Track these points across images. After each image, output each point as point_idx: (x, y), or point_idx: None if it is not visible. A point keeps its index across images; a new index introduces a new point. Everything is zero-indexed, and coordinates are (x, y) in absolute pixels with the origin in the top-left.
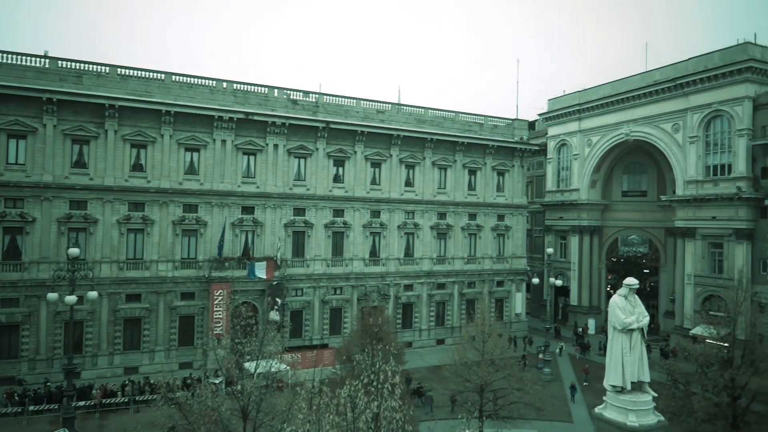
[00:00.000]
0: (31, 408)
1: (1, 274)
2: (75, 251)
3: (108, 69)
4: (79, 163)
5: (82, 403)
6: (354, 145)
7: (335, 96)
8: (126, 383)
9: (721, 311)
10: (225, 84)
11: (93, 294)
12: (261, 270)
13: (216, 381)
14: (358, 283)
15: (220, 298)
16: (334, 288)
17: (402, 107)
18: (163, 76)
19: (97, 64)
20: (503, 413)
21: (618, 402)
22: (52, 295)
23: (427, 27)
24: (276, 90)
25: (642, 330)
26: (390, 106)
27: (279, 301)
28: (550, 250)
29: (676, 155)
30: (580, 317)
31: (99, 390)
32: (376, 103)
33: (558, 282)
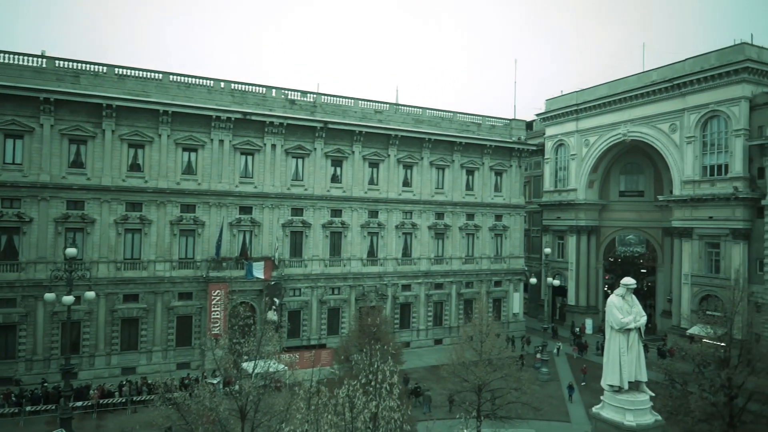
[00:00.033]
0: (28, 408)
1: None
2: (72, 251)
3: (105, 69)
4: (77, 163)
5: (79, 404)
6: (352, 145)
7: (333, 96)
8: (123, 383)
9: (718, 311)
10: (223, 84)
11: (90, 294)
12: (259, 270)
13: (214, 381)
14: (356, 283)
15: (217, 298)
16: (332, 288)
17: (400, 107)
18: (161, 75)
19: (95, 63)
20: (501, 413)
21: (615, 401)
22: (49, 296)
23: (426, 27)
24: (274, 90)
25: (639, 330)
26: (388, 106)
27: (277, 301)
28: (547, 250)
29: (673, 155)
30: (577, 317)
31: (96, 390)
32: (374, 103)
33: (555, 282)
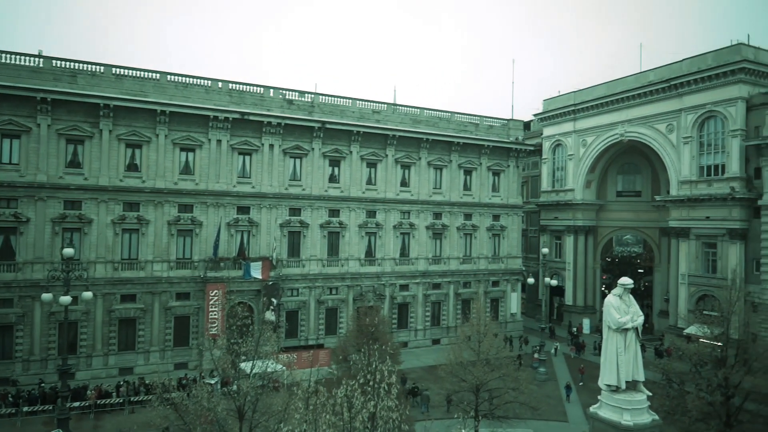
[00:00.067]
0: (25, 409)
1: None
2: (69, 251)
3: (103, 68)
4: (74, 163)
5: (76, 404)
6: (350, 145)
7: (331, 96)
8: (121, 384)
9: (715, 311)
10: (220, 84)
11: (87, 294)
12: (256, 270)
13: (211, 381)
14: (353, 283)
15: (215, 298)
16: (329, 288)
17: (398, 107)
18: (158, 75)
19: (92, 63)
20: (499, 413)
21: (613, 401)
22: (46, 296)
23: (425, 27)
24: (272, 90)
25: (636, 329)
26: (386, 106)
27: (275, 301)
28: (545, 250)
29: (670, 155)
30: (575, 317)
31: (94, 391)
32: (371, 103)
33: (553, 282)
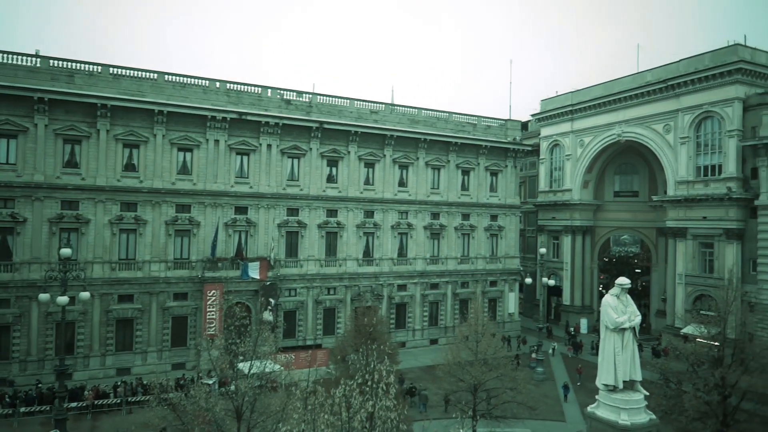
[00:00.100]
0: (23, 409)
1: None
2: (67, 251)
3: (100, 68)
4: (71, 163)
5: (74, 405)
6: (347, 146)
7: (329, 96)
8: (118, 384)
9: (712, 310)
10: (218, 84)
11: (85, 295)
12: (254, 270)
13: (209, 381)
14: (351, 284)
15: (213, 298)
16: (327, 288)
17: (395, 107)
18: (156, 75)
19: (90, 63)
20: (496, 412)
21: (610, 401)
22: (43, 296)
23: (425, 27)
24: (269, 90)
25: (634, 329)
26: (383, 106)
27: (272, 302)
28: (542, 250)
29: (667, 156)
30: (572, 317)
31: (91, 391)
32: (369, 104)
33: (551, 282)
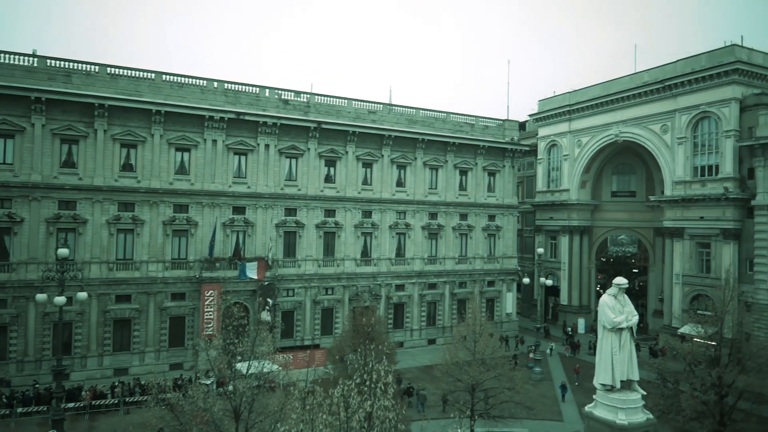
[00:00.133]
0: (20, 410)
1: None
2: (64, 252)
3: (98, 68)
4: (68, 163)
5: (71, 405)
6: (345, 146)
7: (327, 96)
8: (116, 384)
9: (709, 310)
10: (216, 84)
11: (82, 295)
12: (252, 270)
13: (207, 382)
14: (349, 284)
15: (211, 298)
16: (325, 288)
17: (393, 107)
18: (153, 75)
19: (87, 63)
20: (494, 412)
21: (608, 400)
22: (40, 296)
23: (424, 27)
24: (267, 90)
25: (631, 329)
26: (381, 106)
27: (270, 302)
28: (540, 250)
29: (664, 156)
30: (570, 317)
31: (88, 391)
32: (367, 104)
33: (548, 282)
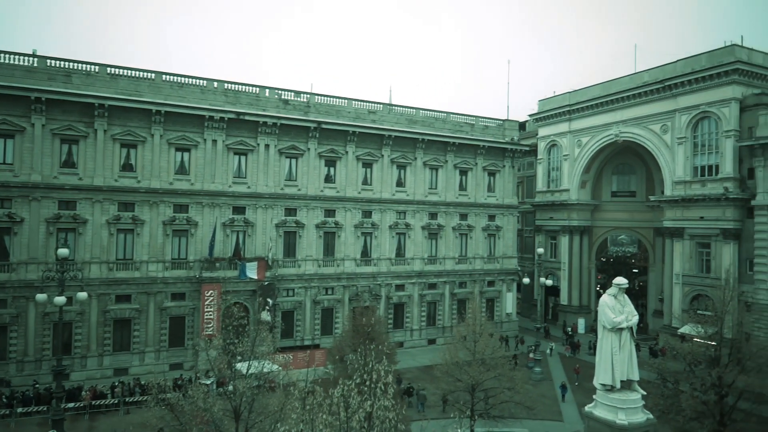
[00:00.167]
0: (20, 410)
1: None
2: (64, 252)
3: (97, 68)
4: (68, 163)
5: (71, 405)
6: (345, 146)
7: (327, 96)
8: (116, 384)
9: (709, 310)
10: (216, 84)
11: (82, 295)
12: (252, 270)
13: (207, 382)
14: (349, 284)
15: (211, 298)
16: (325, 288)
17: (393, 107)
18: (153, 75)
19: (87, 63)
20: (494, 412)
21: (608, 400)
22: (40, 296)
23: (422, 27)
24: (267, 90)
25: (631, 329)
26: (381, 106)
27: (270, 302)
28: (540, 250)
29: (664, 156)
30: (570, 317)
31: (88, 391)
32: (367, 104)
33: (548, 282)
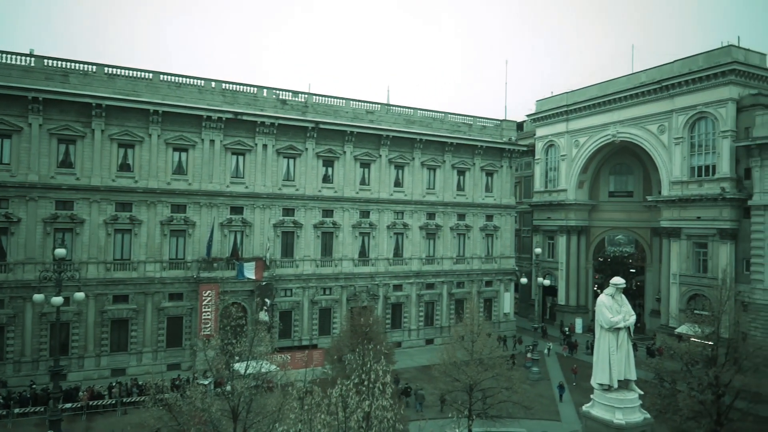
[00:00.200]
0: (17, 411)
1: None
2: (61, 252)
3: (95, 68)
4: (66, 163)
5: (68, 406)
6: (343, 146)
7: (324, 96)
8: (113, 385)
9: (706, 310)
10: (213, 83)
11: (80, 295)
12: (250, 270)
13: (205, 382)
14: (347, 284)
15: (208, 298)
16: (323, 288)
17: (391, 108)
18: (151, 75)
19: (84, 63)
20: (492, 412)
21: (605, 400)
22: (37, 297)
23: (422, 27)
24: (265, 90)
25: (628, 329)
26: (379, 106)
27: (268, 302)
28: (538, 250)
29: (661, 156)
30: (567, 316)
31: (86, 392)
32: (365, 104)
33: (546, 282)
